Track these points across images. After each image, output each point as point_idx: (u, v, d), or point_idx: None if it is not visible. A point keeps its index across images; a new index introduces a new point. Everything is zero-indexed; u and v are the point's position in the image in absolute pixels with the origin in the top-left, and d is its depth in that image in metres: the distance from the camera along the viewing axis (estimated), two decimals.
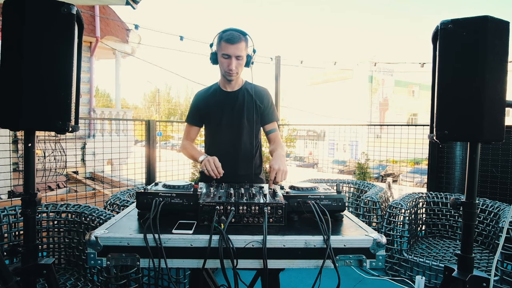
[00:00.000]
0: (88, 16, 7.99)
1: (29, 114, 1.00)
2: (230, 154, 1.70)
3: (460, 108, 1.05)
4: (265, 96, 1.75)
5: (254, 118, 1.71)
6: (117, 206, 2.37)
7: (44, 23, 1.00)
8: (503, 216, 2.26)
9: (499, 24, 1.02)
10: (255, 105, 1.70)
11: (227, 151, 1.70)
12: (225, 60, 1.58)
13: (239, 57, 1.57)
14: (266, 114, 1.75)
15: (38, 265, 1.09)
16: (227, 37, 1.54)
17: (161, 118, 37.13)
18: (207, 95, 1.76)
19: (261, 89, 1.76)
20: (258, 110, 1.73)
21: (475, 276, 1.09)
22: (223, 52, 1.57)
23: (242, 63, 1.61)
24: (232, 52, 1.55)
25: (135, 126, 9.43)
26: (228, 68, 1.59)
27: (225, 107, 1.71)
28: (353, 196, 3.55)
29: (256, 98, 1.71)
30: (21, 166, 5.20)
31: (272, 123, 1.77)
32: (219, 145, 1.73)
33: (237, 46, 1.54)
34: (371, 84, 25.56)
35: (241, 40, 1.55)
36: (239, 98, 1.72)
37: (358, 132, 7.35)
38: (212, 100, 1.73)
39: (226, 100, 1.72)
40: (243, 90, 1.73)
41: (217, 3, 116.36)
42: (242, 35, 1.57)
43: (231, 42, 1.53)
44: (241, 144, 1.72)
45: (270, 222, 1.08)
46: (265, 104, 1.74)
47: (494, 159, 3.08)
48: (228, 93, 1.73)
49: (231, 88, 1.73)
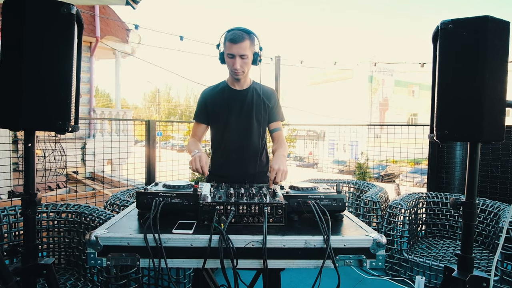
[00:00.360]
0: (88, 16, 7.99)
1: (29, 114, 1.00)
2: (239, 153, 1.71)
3: (460, 108, 1.05)
4: (272, 95, 1.78)
5: (263, 117, 1.73)
6: (117, 206, 2.37)
7: (44, 23, 1.00)
8: (503, 216, 2.26)
9: (499, 24, 1.02)
10: (263, 104, 1.72)
11: (236, 150, 1.71)
12: (230, 59, 1.60)
13: (244, 56, 1.58)
14: (273, 113, 1.77)
15: (38, 265, 1.09)
16: (230, 36, 1.56)
17: (161, 118, 37.15)
18: (214, 93, 1.76)
19: (268, 89, 1.79)
20: (267, 109, 1.75)
21: (475, 276, 1.09)
22: (228, 52, 1.58)
23: (247, 61, 1.61)
24: (236, 51, 1.56)
25: (135, 126, 9.43)
26: (233, 67, 1.60)
27: (234, 105, 1.72)
28: (353, 196, 3.55)
29: (264, 98, 1.73)
30: (21, 166, 5.21)
31: (277, 122, 1.79)
32: (227, 144, 1.73)
33: (240, 45, 1.54)
34: (371, 84, 25.56)
35: (244, 39, 1.55)
36: (248, 97, 1.72)
37: (358, 132, 7.35)
38: (220, 98, 1.73)
39: (235, 99, 1.72)
40: (251, 89, 1.75)
41: (217, 3, 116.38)
42: (246, 34, 1.57)
43: (234, 41, 1.54)
44: (250, 143, 1.73)
45: (270, 222, 1.08)
46: (273, 103, 1.77)
47: (494, 159, 3.08)
48: (237, 91, 1.73)
49: (240, 87, 1.73)
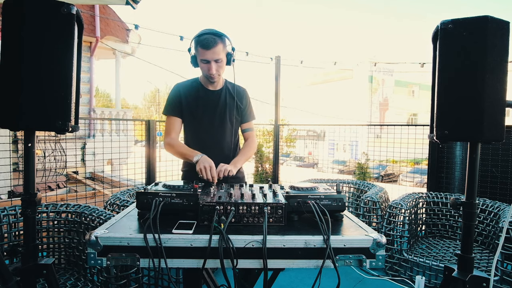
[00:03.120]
0: (88, 16, 7.99)
1: (29, 114, 0.99)
2: (211, 152, 1.65)
3: (460, 108, 1.05)
4: (244, 96, 1.81)
5: (235, 118, 1.76)
6: (117, 206, 2.37)
7: (44, 23, 1.00)
8: (503, 216, 2.25)
9: (499, 24, 1.02)
10: (236, 105, 1.75)
11: (209, 149, 1.67)
12: (205, 65, 1.59)
13: (218, 60, 1.57)
14: (245, 114, 1.81)
15: (38, 265, 1.09)
16: (202, 42, 1.53)
17: (161, 118, 37.04)
18: (188, 90, 1.73)
19: (240, 89, 1.81)
20: (239, 110, 1.78)
21: (475, 276, 1.09)
22: (201, 58, 1.57)
23: (222, 65, 1.61)
24: (210, 57, 1.55)
25: (135, 126, 9.43)
26: (209, 72, 1.60)
27: (207, 106, 1.73)
28: (353, 196, 3.55)
29: (237, 99, 1.76)
30: (21, 166, 5.20)
31: (249, 122, 1.83)
32: (200, 143, 1.72)
33: (214, 50, 1.53)
34: (371, 84, 25.54)
35: (216, 43, 1.53)
36: (221, 98, 1.75)
37: (358, 132, 7.35)
38: (195, 96, 1.72)
39: (209, 99, 1.73)
40: (224, 90, 1.77)
41: (217, 3, 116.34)
42: (217, 37, 1.54)
43: (207, 47, 1.52)
44: (223, 143, 1.76)
45: (270, 222, 1.08)
46: (244, 104, 1.80)
47: (494, 159, 3.08)
48: (211, 92, 1.74)
49: (213, 87, 1.75)
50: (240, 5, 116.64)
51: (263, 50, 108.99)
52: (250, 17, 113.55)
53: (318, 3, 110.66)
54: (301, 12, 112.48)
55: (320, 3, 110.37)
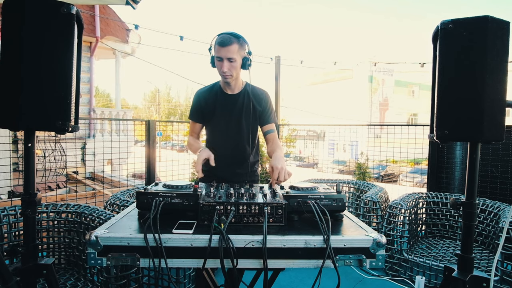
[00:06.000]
0: (88, 16, 7.99)
1: (29, 114, 0.99)
2: (228, 156, 1.76)
3: (460, 108, 1.05)
4: (264, 98, 1.79)
5: (252, 122, 1.75)
6: (117, 206, 2.37)
7: (44, 23, 1.00)
8: (503, 216, 2.26)
9: (499, 24, 1.02)
10: (254, 108, 1.74)
11: (226, 153, 1.75)
12: (219, 62, 1.61)
13: (231, 59, 1.59)
14: (264, 116, 1.79)
15: (38, 265, 1.09)
16: (219, 40, 1.58)
17: (161, 118, 37.14)
18: (208, 95, 1.78)
19: (260, 92, 1.80)
20: (257, 113, 1.77)
21: (475, 276, 1.09)
22: (216, 55, 1.60)
23: (235, 65, 1.62)
24: (223, 54, 1.57)
25: (135, 126, 9.43)
26: (221, 70, 1.61)
27: (225, 110, 1.75)
28: (353, 196, 3.55)
29: (254, 102, 1.75)
30: (21, 166, 5.20)
31: (270, 124, 1.80)
32: (218, 147, 1.75)
33: (228, 48, 1.56)
34: (371, 84, 25.55)
35: (232, 42, 1.56)
36: (238, 102, 1.75)
37: (358, 132, 7.35)
38: (213, 101, 1.76)
39: (227, 104, 1.75)
40: (243, 93, 1.76)
41: (217, 3, 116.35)
42: (234, 38, 1.58)
43: (222, 45, 1.56)
44: (239, 147, 1.79)
45: (270, 222, 1.08)
46: (263, 106, 1.78)
47: (494, 159, 3.08)
48: (229, 96, 1.75)
49: (231, 91, 1.75)
50: (240, 5, 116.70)
51: (263, 50, 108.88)
52: (250, 17, 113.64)
53: (318, 3, 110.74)
54: (301, 12, 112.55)
55: (320, 3, 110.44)
